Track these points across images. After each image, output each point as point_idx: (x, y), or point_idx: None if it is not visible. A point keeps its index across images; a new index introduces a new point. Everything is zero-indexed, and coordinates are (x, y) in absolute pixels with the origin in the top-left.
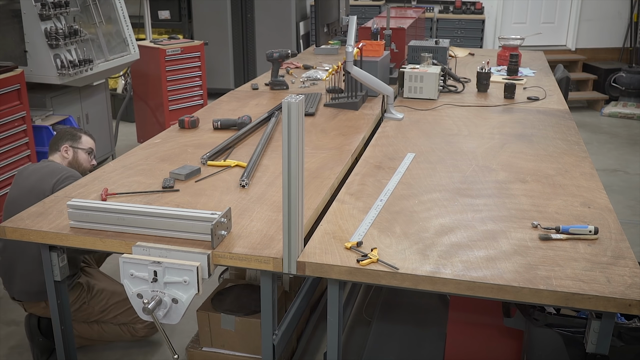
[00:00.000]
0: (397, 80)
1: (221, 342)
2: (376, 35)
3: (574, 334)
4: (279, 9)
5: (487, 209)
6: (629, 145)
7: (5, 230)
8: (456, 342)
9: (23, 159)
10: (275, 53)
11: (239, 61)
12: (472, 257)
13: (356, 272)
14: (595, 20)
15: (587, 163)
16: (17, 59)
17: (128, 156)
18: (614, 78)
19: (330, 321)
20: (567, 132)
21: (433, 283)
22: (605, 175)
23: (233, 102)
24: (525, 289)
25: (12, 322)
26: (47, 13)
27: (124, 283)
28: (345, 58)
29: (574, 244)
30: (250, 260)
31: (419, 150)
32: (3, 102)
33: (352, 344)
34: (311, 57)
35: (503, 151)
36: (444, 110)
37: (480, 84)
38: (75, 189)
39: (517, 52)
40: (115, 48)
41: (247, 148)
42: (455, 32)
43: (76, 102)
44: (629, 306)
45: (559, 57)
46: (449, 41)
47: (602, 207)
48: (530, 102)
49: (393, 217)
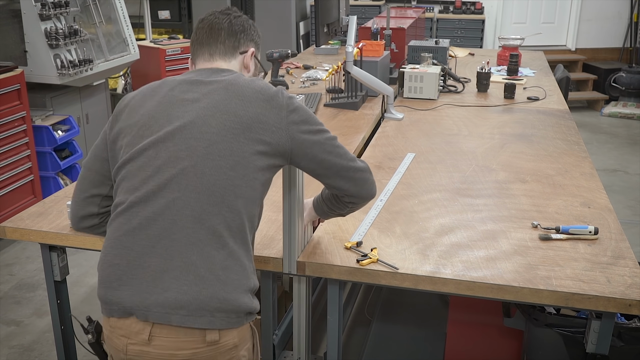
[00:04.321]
0: (397, 80)
1: None
2: (376, 35)
3: (574, 334)
4: (279, 9)
5: (487, 209)
6: (629, 145)
7: (5, 230)
8: (456, 342)
9: (23, 159)
10: (275, 53)
11: None
12: (472, 257)
13: (356, 272)
14: (595, 20)
15: (587, 163)
16: (17, 59)
17: None
18: (614, 78)
19: (330, 321)
20: (567, 132)
21: (433, 283)
22: (605, 175)
23: None
24: (525, 289)
25: (12, 322)
26: (47, 13)
27: None
28: (345, 58)
29: (574, 244)
30: None
31: (419, 150)
32: (3, 102)
33: (352, 344)
34: (311, 57)
35: (503, 151)
36: (444, 110)
37: (480, 84)
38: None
39: (517, 52)
40: (115, 48)
41: None
42: (455, 32)
43: (76, 102)
44: (629, 306)
45: (559, 57)
46: (449, 41)
47: (602, 207)
48: (530, 102)
49: (393, 217)
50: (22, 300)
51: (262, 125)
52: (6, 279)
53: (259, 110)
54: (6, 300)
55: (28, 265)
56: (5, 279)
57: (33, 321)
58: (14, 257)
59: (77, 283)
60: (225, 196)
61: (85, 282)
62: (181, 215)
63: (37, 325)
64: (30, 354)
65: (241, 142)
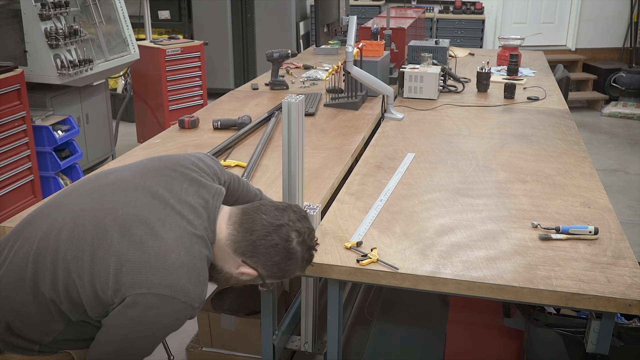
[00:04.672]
0: (397, 80)
1: (221, 342)
2: (376, 35)
3: (574, 334)
4: (279, 9)
5: (487, 209)
6: (629, 145)
7: (5, 230)
8: (456, 342)
9: (23, 159)
10: (275, 53)
11: (239, 61)
12: (472, 257)
13: (356, 272)
14: (595, 20)
15: (587, 163)
16: (17, 59)
17: (128, 156)
18: (614, 78)
19: (330, 321)
20: (567, 132)
21: (433, 283)
22: (605, 175)
23: (233, 102)
24: (525, 289)
25: None
26: (47, 13)
27: None
28: (345, 58)
29: (574, 244)
30: None
31: (419, 150)
32: (3, 102)
33: (352, 344)
34: (311, 57)
35: (503, 151)
36: (444, 110)
37: (480, 84)
38: None
39: (517, 52)
40: (115, 48)
41: (247, 148)
42: (455, 32)
43: (76, 102)
44: (629, 306)
45: (559, 57)
46: (449, 41)
47: (602, 207)
48: (530, 102)
49: (393, 217)
50: None
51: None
52: None
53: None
54: None
55: None
56: None
57: None
58: None
59: None
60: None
61: None
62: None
63: None
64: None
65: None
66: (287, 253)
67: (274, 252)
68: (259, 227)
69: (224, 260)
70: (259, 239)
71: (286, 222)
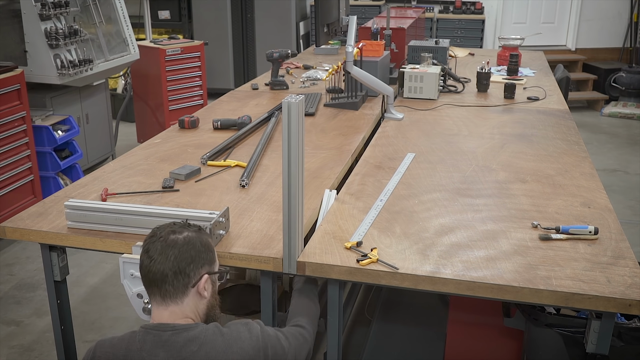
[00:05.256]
0: (397, 80)
1: None
2: (376, 35)
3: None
4: (279, 9)
5: (487, 209)
6: (629, 145)
7: (5, 230)
8: (456, 342)
9: (23, 159)
10: (275, 53)
11: (239, 61)
12: (472, 257)
13: (356, 272)
14: (595, 20)
15: (587, 163)
16: (17, 59)
17: (128, 156)
18: (614, 78)
19: (330, 321)
20: (567, 132)
21: (433, 283)
22: (605, 175)
23: (233, 102)
24: (525, 289)
25: (12, 322)
26: (47, 13)
27: (124, 283)
28: (345, 58)
29: (574, 244)
30: (250, 260)
31: (419, 150)
32: (3, 102)
33: (352, 344)
34: (311, 57)
35: (503, 151)
36: (444, 110)
37: (480, 84)
38: (75, 189)
39: (517, 52)
40: (115, 48)
41: (247, 148)
42: (455, 32)
43: (76, 102)
44: (629, 306)
45: (559, 57)
46: (449, 41)
47: (602, 207)
48: (530, 102)
49: (393, 217)
50: (22, 300)
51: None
52: (6, 279)
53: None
54: (6, 300)
55: (28, 265)
56: (5, 279)
57: (33, 321)
58: (14, 257)
59: (77, 283)
60: None
61: (85, 282)
62: None
63: (37, 325)
64: (30, 354)
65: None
66: (187, 243)
67: (184, 251)
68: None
69: (195, 304)
70: (174, 259)
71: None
